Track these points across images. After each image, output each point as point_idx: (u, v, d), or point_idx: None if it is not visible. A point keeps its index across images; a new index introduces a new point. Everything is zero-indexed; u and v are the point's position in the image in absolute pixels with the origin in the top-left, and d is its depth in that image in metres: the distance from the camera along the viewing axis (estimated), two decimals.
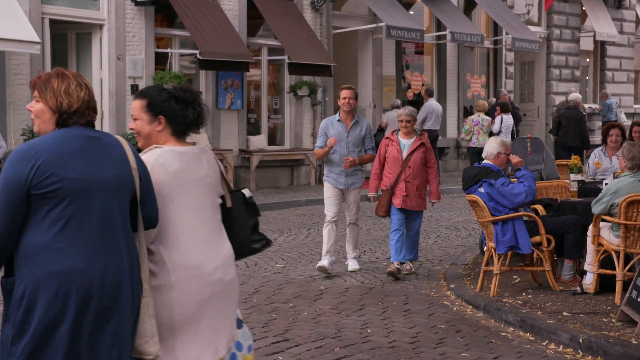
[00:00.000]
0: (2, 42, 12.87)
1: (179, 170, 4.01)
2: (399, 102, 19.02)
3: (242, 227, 4.27)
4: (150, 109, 4.09)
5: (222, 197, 4.20)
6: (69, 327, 3.46)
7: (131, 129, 4.22)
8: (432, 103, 18.89)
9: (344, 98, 9.37)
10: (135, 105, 4.14)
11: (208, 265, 3.97)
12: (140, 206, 3.75)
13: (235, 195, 4.29)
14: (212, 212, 4.11)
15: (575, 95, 18.99)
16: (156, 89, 4.15)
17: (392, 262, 9.25)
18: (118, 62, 15.25)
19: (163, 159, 3.99)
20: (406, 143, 9.32)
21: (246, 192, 4.35)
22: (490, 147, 8.60)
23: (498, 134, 17.89)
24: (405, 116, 9.35)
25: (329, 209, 9.42)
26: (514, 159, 8.56)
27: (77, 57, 15.46)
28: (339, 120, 9.43)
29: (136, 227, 3.76)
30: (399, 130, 9.46)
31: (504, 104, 18.43)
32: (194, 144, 4.16)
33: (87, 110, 3.73)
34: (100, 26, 15.21)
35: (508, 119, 18.13)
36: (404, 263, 9.41)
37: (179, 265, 3.90)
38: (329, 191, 9.47)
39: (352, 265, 9.56)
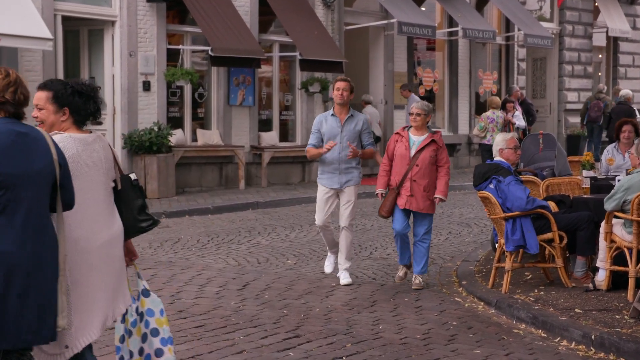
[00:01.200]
0: (15, 39, 12.92)
1: (76, 155, 4.50)
2: (370, 97, 18.99)
3: (131, 208, 4.77)
4: (55, 100, 4.56)
5: (115, 181, 4.70)
6: None
7: (35, 117, 4.64)
8: (414, 97, 18.80)
9: (338, 89, 8.73)
10: (41, 97, 4.60)
11: (95, 240, 4.49)
12: (60, 191, 4.20)
13: (125, 179, 4.77)
14: (105, 193, 4.64)
15: (625, 92, 19.29)
16: (60, 83, 4.62)
17: (400, 266, 8.92)
18: (130, 59, 15.28)
19: (62, 144, 4.41)
20: (416, 140, 8.66)
21: (132, 176, 4.83)
22: (494, 144, 8.69)
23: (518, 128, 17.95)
24: (417, 109, 8.68)
25: (318, 215, 8.83)
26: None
27: (89, 53, 15.50)
28: (332, 114, 8.79)
29: (54, 209, 4.22)
30: (410, 126, 8.81)
31: (511, 100, 18.52)
32: (90, 132, 4.67)
33: (6, 95, 4.16)
34: (112, 23, 15.24)
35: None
36: (410, 266, 8.89)
37: (68, 238, 4.31)
38: (320, 194, 8.85)
39: (344, 278, 8.73)
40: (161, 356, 4.93)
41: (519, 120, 18.31)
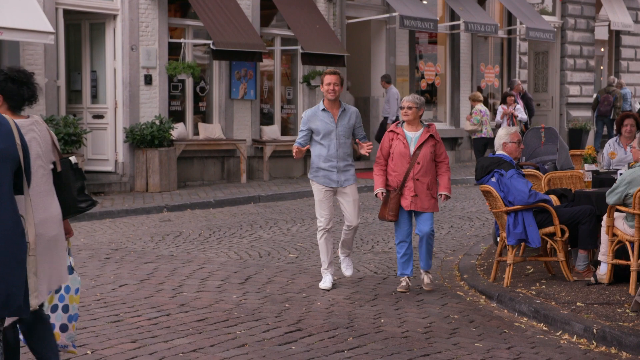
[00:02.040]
0: (17, 33, 12.91)
1: None
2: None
3: (70, 189, 4.96)
4: None
5: (54, 163, 4.88)
6: None
7: None
8: (393, 90, 18.79)
9: (328, 84, 8.14)
10: None
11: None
12: (25, 173, 4.28)
13: (64, 162, 4.96)
14: (43, 176, 4.81)
15: None
16: None
17: (401, 278, 8.31)
18: (132, 52, 15.27)
19: None
20: (413, 136, 8.14)
21: (73, 159, 5.01)
22: (497, 138, 8.65)
23: (520, 121, 18.04)
24: (408, 102, 8.14)
25: (322, 213, 8.23)
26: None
27: (91, 47, 15.50)
28: (323, 109, 8.22)
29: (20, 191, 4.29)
30: (403, 122, 8.25)
31: (510, 94, 18.61)
32: (28, 116, 4.84)
33: None
34: (114, 16, 15.23)
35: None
36: (411, 277, 8.37)
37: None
38: (319, 193, 8.23)
39: (346, 266, 8.50)
40: (65, 332, 5.32)
41: (521, 113, 18.37)
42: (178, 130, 15.75)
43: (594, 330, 6.70)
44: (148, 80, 15.53)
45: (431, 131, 8.19)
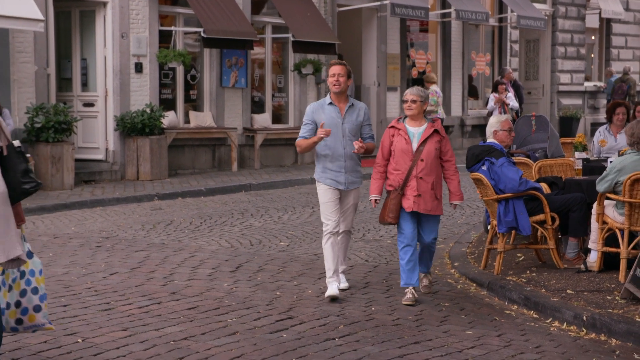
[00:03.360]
0: (6, 20, 12.85)
1: None
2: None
3: (15, 172, 5.18)
4: None
5: (1, 148, 5.11)
6: None
7: None
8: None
9: (333, 75, 7.49)
10: None
11: None
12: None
13: (9, 146, 5.19)
14: None
15: None
16: None
17: (406, 289, 7.44)
18: (122, 40, 15.22)
19: None
20: (416, 132, 7.47)
21: (16, 143, 5.24)
22: (488, 126, 8.62)
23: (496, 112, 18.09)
24: (412, 95, 7.49)
25: (329, 216, 7.53)
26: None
27: (81, 34, 15.43)
28: (330, 103, 7.55)
29: None
30: (405, 117, 7.61)
31: (501, 82, 18.67)
32: None
33: None
34: (104, 4, 15.16)
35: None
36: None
37: None
38: (326, 194, 7.55)
39: (342, 282, 7.82)
40: (39, 311, 5.55)
41: (512, 101, 18.41)
42: (169, 118, 15.72)
43: (584, 318, 6.73)
44: (139, 68, 15.48)
45: (436, 126, 7.51)
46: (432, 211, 7.41)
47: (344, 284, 7.80)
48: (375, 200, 7.51)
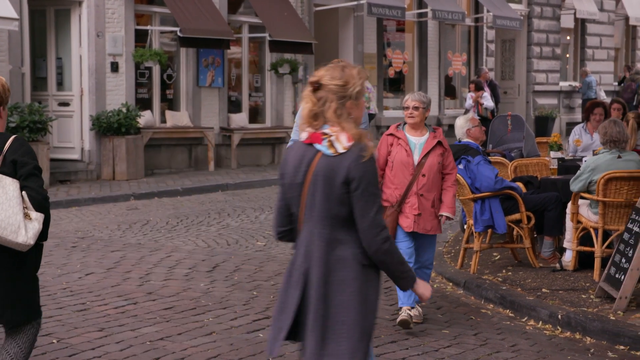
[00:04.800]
0: None
1: None
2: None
3: None
4: None
5: None
6: None
7: None
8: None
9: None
10: None
11: None
12: None
13: None
14: None
15: None
16: None
17: (401, 307, 6.73)
18: (98, 39, 15.14)
19: None
20: (417, 142, 6.77)
21: None
22: (459, 128, 8.61)
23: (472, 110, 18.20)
24: (414, 101, 6.79)
25: None
26: None
27: (56, 33, 15.34)
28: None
29: None
30: (404, 123, 6.90)
31: (479, 81, 18.72)
32: None
33: None
34: (80, 3, 15.08)
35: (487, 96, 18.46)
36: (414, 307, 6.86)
37: None
38: None
39: None
40: None
41: (487, 101, 18.49)
42: (145, 118, 15.66)
43: (559, 316, 6.77)
44: (114, 67, 15.41)
45: (438, 137, 6.81)
46: (431, 231, 6.73)
47: None
48: None
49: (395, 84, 21.54)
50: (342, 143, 3.72)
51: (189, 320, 6.74)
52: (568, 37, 26.39)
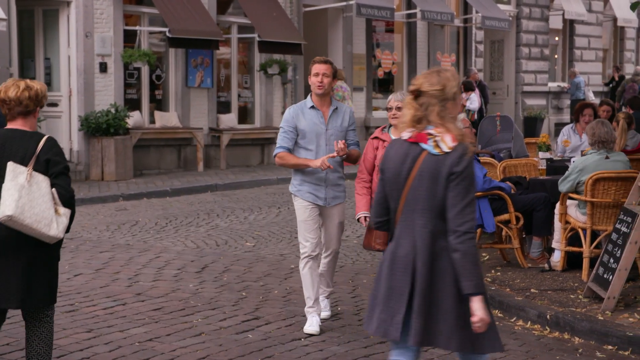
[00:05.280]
0: None
1: None
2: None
3: None
4: None
5: None
6: None
7: None
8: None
9: (316, 75, 6.54)
10: None
11: None
12: None
13: None
14: None
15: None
16: None
17: None
18: (86, 40, 15.10)
19: None
20: None
21: None
22: None
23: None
24: (396, 101, 6.50)
25: (307, 237, 6.54)
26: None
27: (44, 34, 15.29)
28: (312, 107, 6.58)
29: None
30: (390, 126, 6.65)
31: (469, 82, 18.80)
32: None
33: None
34: (68, 3, 15.04)
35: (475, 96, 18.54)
36: None
37: None
38: (304, 211, 6.55)
39: (324, 308, 6.84)
40: None
41: (473, 103, 18.55)
42: (134, 118, 15.62)
43: (548, 316, 6.79)
44: (103, 68, 15.37)
45: None
46: None
47: (326, 312, 6.83)
48: (365, 217, 6.43)
49: (384, 85, 21.56)
50: (447, 143, 4.06)
51: (178, 321, 6.73)
52: (556, 38, 26.46)
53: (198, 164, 16.65)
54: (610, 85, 26.21)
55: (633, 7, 8.69)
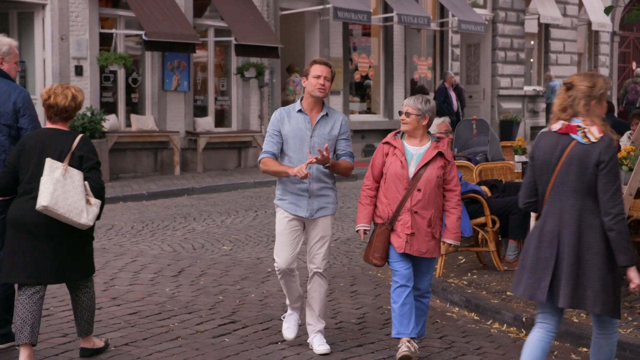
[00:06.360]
0: None
1: None
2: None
3: None
4: None
5: None
6: None
7: None
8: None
9: (318, 77, 6.08)
10: None
11: None
12: None
13: None
14: None
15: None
16: None
17: (400, 339, 5.99)
18: (62, 43, 15.02)
19: None
20: (415, 152, 6.00)
21: None
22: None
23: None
24: (408, 106, 6.03)
25: (279, 251, 6.15)
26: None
27: (19, 37, 15.17)
28: (300, 110, 6.14)
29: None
30: (404, 132, 6.12)
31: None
32: None
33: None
34: (43, 6, 14.95)
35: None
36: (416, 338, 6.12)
37: None
38: (281, 223, 6.15)
39: (319, 343, 6.21)
40: None
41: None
42: (110, 121, 15.55)
43: (524, 319, 6.83)
44: (79, 71, 15.29)
45: (440, 147, 6.01)
46: (427, 254, 5.97)
47: (324, 347, 6.19)
48: (365, 230, 6.06)
49: (361, 88, 21.60)
50: (594, 134, 4.76)
51: (154, 325, 6.70)
52: (532, 42, 26.62)
53: (175, 167, 16.60)
54: None
55: (607, 11, 8.76)
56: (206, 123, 17.43)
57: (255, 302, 7.50)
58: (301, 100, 6.20)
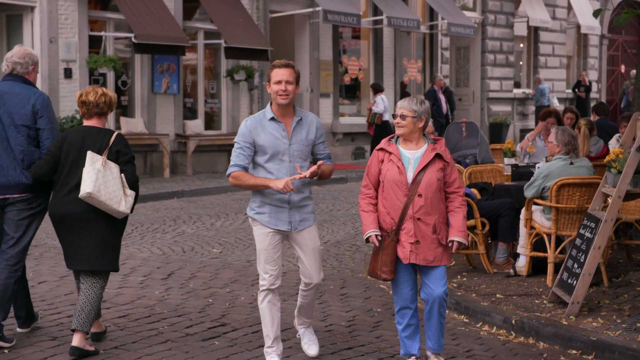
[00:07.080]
0: None
1: None
2: (381, 84, 19.07)
3: None
4: None
5: None
6: None
7: None
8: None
9: (279, 82, 5.63)
10: None
11: None
12: None
13: None
14: None
15: None
16: None
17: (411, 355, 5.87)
18: (51, 45, 14.99)
19: None
20: (412, 156, 5.68)
21: None
22: None
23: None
24: (402, 108, 5.68)
25: (267, 268, 5.78)
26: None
27: (8, 39, 15.15)
28: (272, 118, 5.70)
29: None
30: (398, 137, 5.79)
31: (377, 84, 19.40)
32: None
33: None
34: (32, 8, 14.92)
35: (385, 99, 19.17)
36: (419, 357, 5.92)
37: None
38: (264, 239, 5.77)
39: (311, 342, 6.17)
40: None
41: (379, 106, 19.08)
42: None
43: (513, 322, 6.84)
44: (68, 73, 15.27)
45: (438, 149, 5.69)
46: (435, 262, 5.65)
47: (315, 348, 6.12)
48: (377, 236, 5.64)
49: (351, 91, 21.63)
50: None
51: (144, 329, 6.69)
52: (521, 45, 26.70)
53: (164, 170, 16.58)
54: (576, 90, 26.46)
55: (596, 14, 8.80)
56: (196, 126, 17.42)
57: (245, 305, 7.49)
58: (270, 105, 5.77)
